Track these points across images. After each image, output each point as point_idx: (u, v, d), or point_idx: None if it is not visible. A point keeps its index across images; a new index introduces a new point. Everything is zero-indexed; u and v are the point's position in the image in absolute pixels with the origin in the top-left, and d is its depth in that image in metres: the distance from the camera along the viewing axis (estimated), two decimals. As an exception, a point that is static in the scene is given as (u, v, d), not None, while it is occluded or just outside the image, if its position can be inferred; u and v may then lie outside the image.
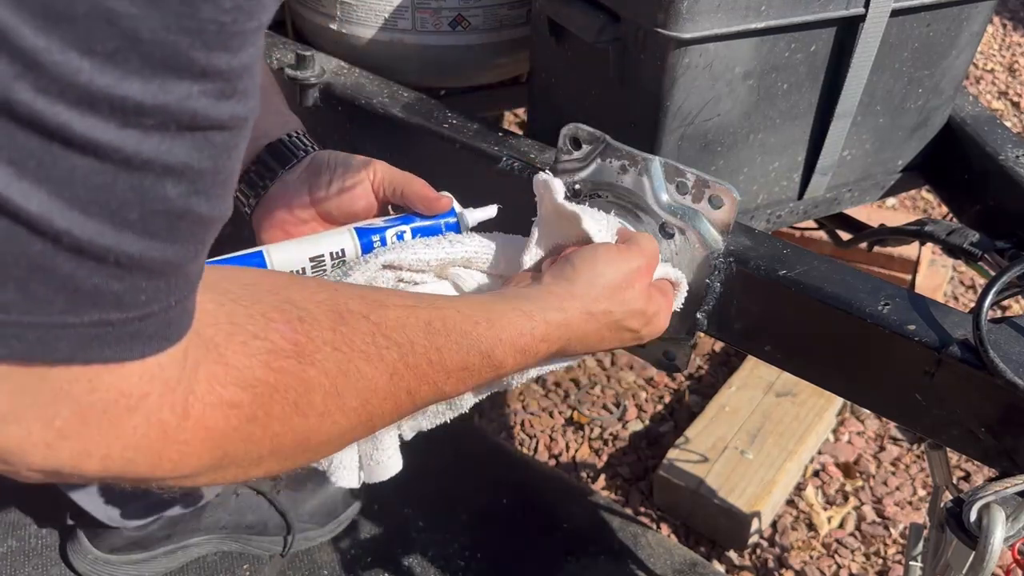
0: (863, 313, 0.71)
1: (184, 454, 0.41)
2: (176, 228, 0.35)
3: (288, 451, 0.47)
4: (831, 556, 1.57)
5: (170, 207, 0.34)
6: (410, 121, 0.96)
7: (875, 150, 1.07)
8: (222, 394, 0.42)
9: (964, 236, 0.93)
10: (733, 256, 0.77)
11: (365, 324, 0.50)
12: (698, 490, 1.56)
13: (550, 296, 0.64)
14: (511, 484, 1.57)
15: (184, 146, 0.34)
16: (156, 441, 0.39)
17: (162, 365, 0.38)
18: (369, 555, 1.44)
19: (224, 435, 0.42)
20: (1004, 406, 0.67)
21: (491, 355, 0.58)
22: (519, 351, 0.60)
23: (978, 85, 3.09)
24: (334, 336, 0.48)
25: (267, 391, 0.44)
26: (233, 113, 0.36)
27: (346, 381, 0.48)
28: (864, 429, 1.80)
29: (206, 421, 0.41)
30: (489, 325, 0.58)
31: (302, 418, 0.46)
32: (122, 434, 0.38)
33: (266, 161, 0.77)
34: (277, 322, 0.45)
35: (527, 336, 0.60)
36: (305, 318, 0.47)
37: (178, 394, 0.39)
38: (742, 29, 0.84)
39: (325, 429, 0.49)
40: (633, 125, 0.90)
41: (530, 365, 0.63)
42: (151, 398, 0.38)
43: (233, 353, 0.42)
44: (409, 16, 1.08)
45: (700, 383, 1.90)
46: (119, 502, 1.28)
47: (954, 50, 1.02)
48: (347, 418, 0.50)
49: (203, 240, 0.38)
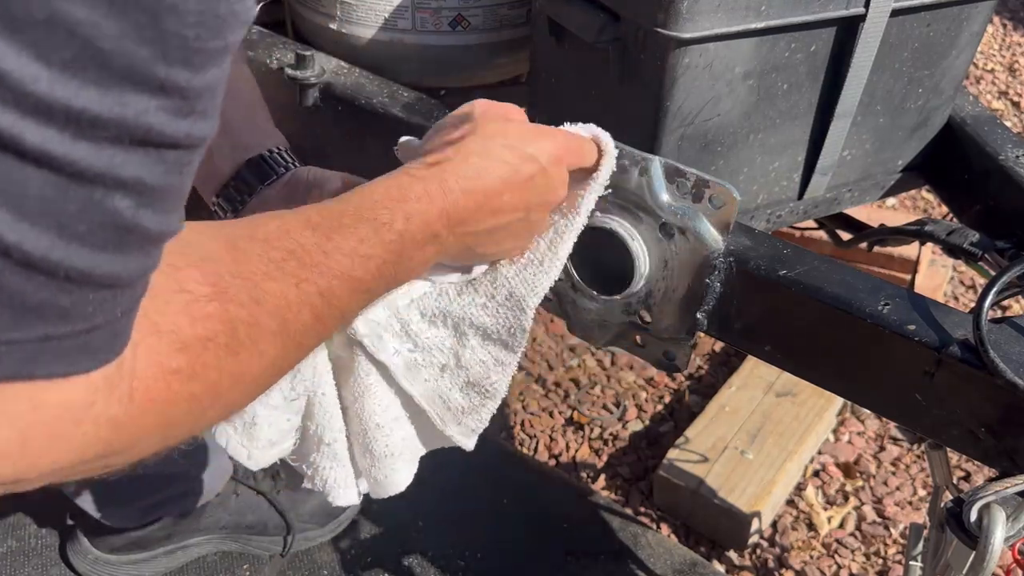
0: (863, 313, 0.71)
1: (133, 434, 0.40)
2: (125, 242, 0.35)
3: (227, 396, 0.47)
4: (831, 556, 1.57)
5: (119, 221, 0.34)
6: (410, 121, 0.96)
7: (875, 150, 1.07)
8: (162, 363, 0.41)
9: (964, 236, 0.93)
10: (733, 256, 0.77)
11: (254, 244, 0.49)
12: (698, 490, 1.56)
13: (429, 145, 0.63)
14: (511, 484, 1.57)
15: (137, 161, 0.33)
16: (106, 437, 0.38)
17: (107, 374, 0.37)
18: (369, 555, 1.44)
19: (169, 402, 0.42)
20: (1004, 406, 0.67)
21: (374, 219, 0.55)
22: (399, 199, 0.57)
23: (978, 85, 3.09)
24: (236, 267, 0.47)
25: (200, 344, 0.43)
26: (189, 132, 0.35)
27: (260, 307, 0.47)
28: (864, 429, 1.80)
29: (151, 395, 0.40)
30: (360, 196, 0.56)
31: (233, 358, 0.46)
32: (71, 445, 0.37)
33: (245, 176, 0.77)
34: (184, 268, 0.44)
35: (397, 186, 0.57)
36: (207, 256, 0.46)
37: (123, 386, 0.39)
38: (742, 29, 0.84)
39: (256, 362, 0.48)
40: (633, 125, 0.90)
41: (429, 217, 0.58)
42: (97, 405, 0.37)
43: (161, 316, 0.41)
44: (409, 16, 1.08)
45: (700, 383, 1.90)
46: (119, 503, 1.28)
47: (954, 50, 1.02)
48: (272, 344, 0.49)
49: (151, 254, 0.38)
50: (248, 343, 0.47)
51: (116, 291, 0.36)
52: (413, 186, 0.58)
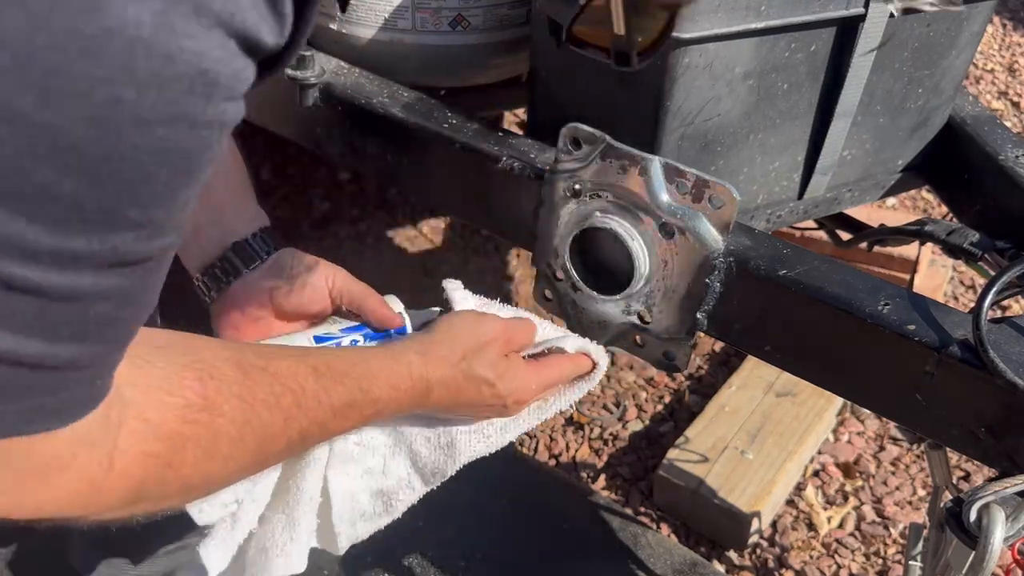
0: (863, 313, 0.71)
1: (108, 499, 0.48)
2: (104, 333, 0.41)
3: (194, 489, 0.56)
4: (831, 556, 1.57)
5: (100, 320, 0.40)
6: (410, 121, 0.96)
7: (875, 150, 1.07)
8: (142, 447, 0.48)
9: (964, 236, 0.93)
10: (733, 256, 0.77)
11: (264, 376, 0.58)
12: (698, 490, 1.56)
13: (413, 343, 0.74)
14: (511, 484, 1.57)
15: (115, 276, 0.39)
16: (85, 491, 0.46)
17: (88, 428, 0.43)
18: (369, 555, 1.44)
19: (142, 480, 0.49)
20: (1004, 406, 0.67)
21: (369, 391, 0.66)
22: (391, 386, 0.68)
23: (978, 85, 3.09)
24: (240, 389, 0.55)
25: (181, 441, 0.51)
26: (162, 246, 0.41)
27: (249, 428, 0.56)
28: (864, 429, 1.80)
29: (128, 470, 0.48)
30: (366, 366, 0.67)
31: (210, 462, 0.54)
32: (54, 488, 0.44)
33: (231, 259, 0.81)
34: (189, 379, 0.52)
35: (396, 373, 0.69)
36: (214, 375, 0.53)
37: (104, 450, 0.46)
38: (742, 29, 0.84)
39: (228, 469, 0.57)
40: (633, 125, 0.90)
41: (403, 401, 0.70)
42: (80, 458, 0.44)
43: (152, 409, 0.49)
44: (409, 16, 1.08)
45: (700, 383, 1.90)
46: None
47: (954, 50, 1.02)
48: (247, 458, 0.57)
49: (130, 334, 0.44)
50: (227, 453, 0.55)
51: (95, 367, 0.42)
52: (404, 382, 0.69)
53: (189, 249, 0.82)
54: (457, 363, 0.73)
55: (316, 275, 0.82)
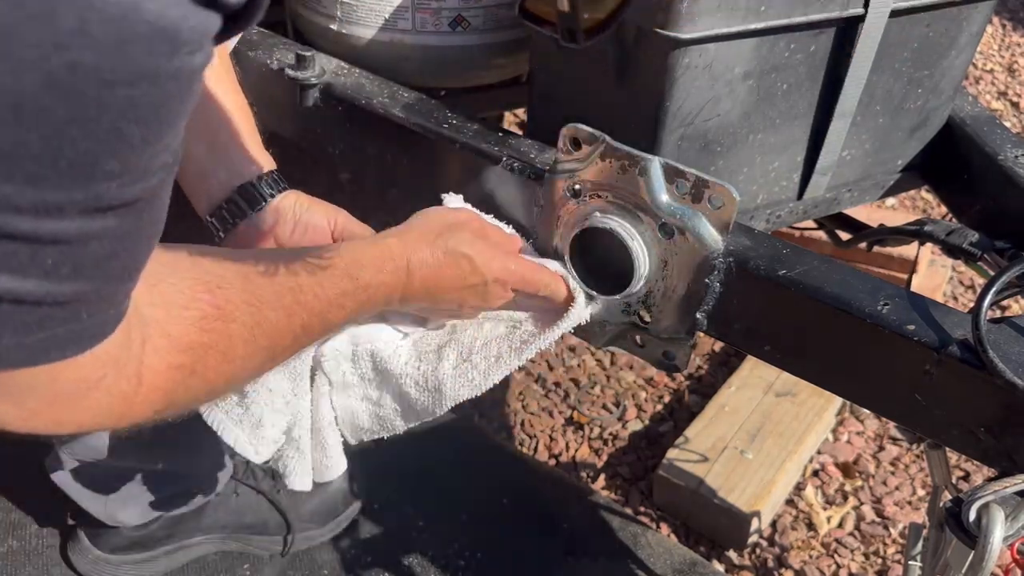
0: (863, 313, 0.71)
1: (142, 409, 0.53)
2: (107, 268, 0.44)
3: (218, 390, 0.62)
4: (830, 556, 1.58)
5: (99, 258, 0.42)
6: (410, 121, 0.96)
7: (875, 150, 1.07)
8: (168, 360, 0.53)
9: (963, 236, 0.93)
10: (733, 256, 0.77)
11: (265, 279, 0.63)
12: (698, 490, 1.56)
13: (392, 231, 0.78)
14: (511, 484, 1.57)
15: (105, 219, 0.41)
16: (119, 406, 0.51)
17: (108, 351, 0.47)
18: (369, 555, 1.45)
19: (171, 390, 0.54)
20: (1004, 406, 0.67)
21: (359, 278, 0.70)
22: (377, 270, 0.72)
23: (978, 85, 3.09)
24: (246, 295, 0.60)
25: (202, 350, 0.56)
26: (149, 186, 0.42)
27: (259, 329, 0.61)
28: (864, 429, 1.80)
29: (157, 383, 0.53)
30: (352, 255, 0.71)
31: (229, 364, 0.59)
32: (88, 407, 0.49)
33: (237, 201, 0.84)
34: (200, 292, 0.56)
35: (379, 259, 0.73)
36: (222, 284, 0.58)
37: (131, 368, 0.50)
38: (742, 29, 0.84)
39: (247, 368, 0.63)
40: (633, 125, 0.90)
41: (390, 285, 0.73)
42: (108, 378, 0.48)
43: (172, 325, 0.54)
44: (409, 16, 1.08)
45: (700, 383, 1.90)
46: (119, 502, 1.28)
47: (954, 50, 1.02)
48: (260, 357, 0.63)
49: (137, 267, 0.46)
50: (243, 354, 0.60)
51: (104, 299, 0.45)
52: (387, 264, 0.73)
53: (197, 193, 0.85)
54: (434, 241, 0.76)
55: (318, 216, 0.85)
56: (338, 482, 1.45)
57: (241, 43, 1.07)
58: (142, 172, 0.41)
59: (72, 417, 0.49)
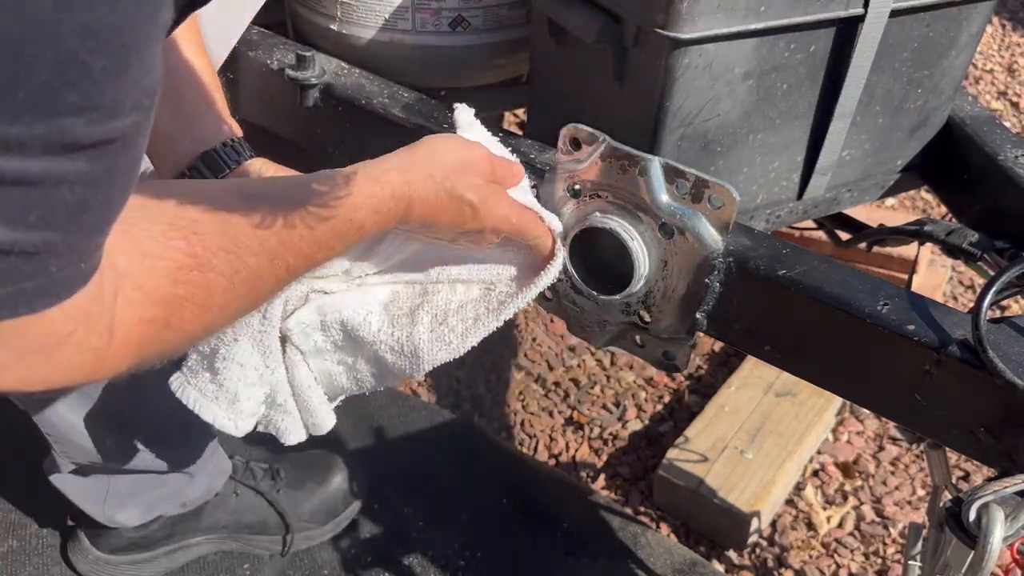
0: (862, 313, 0.71)
1: (115, 364, 0.51)
2: (77, 218, 0.42)
3: (196, 338, 0.60)
4: (830, 555, 1.58)
5: (69, 205, 0.41)
6: (410, 121, 0.96)
7: (874, 150, 1.07)
8: (141, 313, 0.51)
9: (963, 236, 0.94)
10: (733, 256, 0.77)
11: (245, 221, 0.58)
12: (698, 490, 1.56)
13: (395, 161, 0.72)
14: (511, 484, 1.57)
15: (73, 161, 0.40)
16: (90, 361, 0.49)
17: (78, 305, 0.45)
18: (369, 555, 1.45)
19: (145, 344, 0.52)
20: (1004, 406, 0.67)
21: (353, 219, 0.66)
22: (374, 211, 0.68)
23: (977, 85, 3.09)
24: (224, 240, 0.57)
25: (177, 302, 0.53)
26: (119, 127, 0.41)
27: (239, 277, 0.58)
28: (863, 429, 1.80)
29: (130, 336, 0.51)
30: (349, 196, 0.66)
31: (207, 314, 0.57)
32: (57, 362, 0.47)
33: (200, 169, 0.82)
34: (175, 239, 0.53)
35: (377, 197, 0.68)
36: (198, 230, 0.55)
37: (103, 323, 0.48)
38: (742, 29, 0.84)
39: (225, 316, 0.60)
40: (633, 125, 0.90)
41: (386, 223, 0.70)
42: (78, 332, 0.47)
43: (145, 277, 0.51)
44: (409, 16, 1.08)
45: (700, 383, 1.90)
46: (117, 504, 1.28)
47: (953, 50, 1.02)
48: (241, 303, 0.61)
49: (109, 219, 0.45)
50: (222, 302, 0.58)
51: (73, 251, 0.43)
52: (386, 204, 0.69)
53: (162, 157, 0.83)
54: (441, 181, 0.72)
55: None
56: (338, 482, 1.45)
57: (241, 43, 1.07)
58: (109, 109, 0.40)
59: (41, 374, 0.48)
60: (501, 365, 1.93)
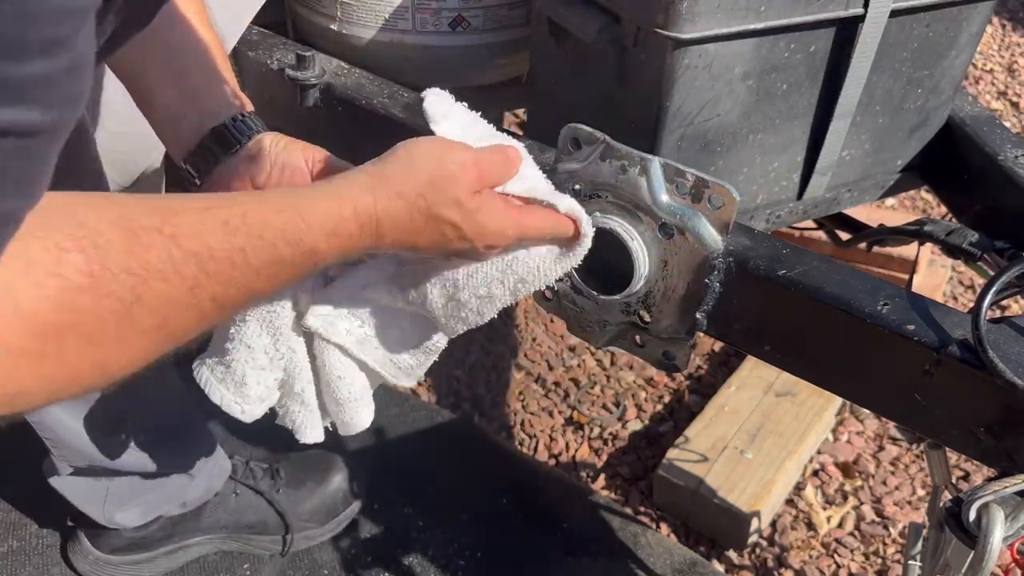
0: (862, 313, 0.71)
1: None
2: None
3: (87, 378, 0.49)
4: (830, 555, 1.58)
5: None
6: (410, 121, 0.96)
7: (874, 150, 1.07)
8: (10, 343, 0.43)
9: (963, 236, 0.94)
10: (733, 256, 0.77)
11: (159, 239, 0.49)
12: (698, 490, 1.56)
13: (361, 176, 0.64)
14: (511, 484, 1.57)
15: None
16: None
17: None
18: (369, 555, 1.44)
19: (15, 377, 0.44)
20: (1003, 406, 0.67)
21: (300, 243, 0.57)
22: (330, 234, 0.59)
23: (977, 85, 3.09)
24: (128, 259, 0.48)
25: (58, 332, 0.45)
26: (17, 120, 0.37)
27: (141, 305, 0.48)
28: (863, 429, 1.80)
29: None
30: (295, 212, 0.57)
31: (97, 348, 0.47)
32: None
33: (209, 146, 0.79)
34: (71, 251, 0.45)
35: (336, 218, 0.59)
36: (99, 243, 0.46)
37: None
38: (741, 29, 0.84)
39: (124, 352, 0.50)
40: (633, 125, 0.90)
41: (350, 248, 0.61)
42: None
43: (27, 297, 0.43)
44: (409, 17, 1.08)
45: (700, 383, 1.90)
46: (116, 505, 1.28)
47: (953, 50, 1.02)
48: (146, 338, 0.50)
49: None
50: (117, 335, 0.48)
51: None
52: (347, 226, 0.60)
53: (169, 137, 0.80)
54: (414, 201, 0.63)
55: (296, 156, 0.77)
56: (338, 482, 1.45)
57: (241, 43, 1.07)
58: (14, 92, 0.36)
59: None
60: (501, 365, 1.93)
